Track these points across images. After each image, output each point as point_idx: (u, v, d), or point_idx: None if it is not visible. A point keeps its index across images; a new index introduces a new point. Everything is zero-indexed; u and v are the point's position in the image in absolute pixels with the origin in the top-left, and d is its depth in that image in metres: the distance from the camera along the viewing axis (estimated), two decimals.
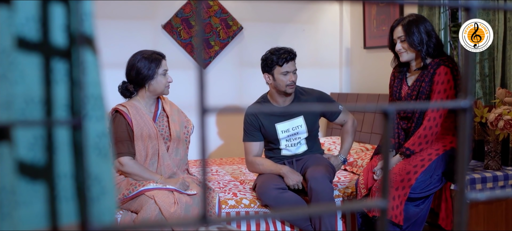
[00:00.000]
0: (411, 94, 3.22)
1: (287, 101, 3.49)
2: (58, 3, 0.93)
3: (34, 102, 0.92)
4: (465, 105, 0.74)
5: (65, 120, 0.93)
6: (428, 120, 3.09)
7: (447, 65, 3.08)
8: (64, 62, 0.93)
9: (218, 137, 5.31)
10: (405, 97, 3.28)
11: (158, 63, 3.11)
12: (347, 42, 5.63)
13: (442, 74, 3.06)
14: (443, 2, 3.92)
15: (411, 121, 3.24)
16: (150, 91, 3.13)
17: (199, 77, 0.65)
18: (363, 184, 3.26)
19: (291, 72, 3.38)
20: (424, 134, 3.09)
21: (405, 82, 3.32)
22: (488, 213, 3.25)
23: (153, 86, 3.11)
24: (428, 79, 3.12)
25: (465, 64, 0.74)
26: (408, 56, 3.22)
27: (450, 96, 3.05)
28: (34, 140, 0.93)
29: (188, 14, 5.04)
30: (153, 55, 3.12)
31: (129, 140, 3.05)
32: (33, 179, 0.93)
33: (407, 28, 3.15)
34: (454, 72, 3.07)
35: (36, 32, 0.92)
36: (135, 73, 3.09)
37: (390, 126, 0.73)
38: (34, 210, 0.94)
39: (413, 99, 3.21)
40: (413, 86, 3.21)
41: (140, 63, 3.08)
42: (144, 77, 3.08)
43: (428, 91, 3.12)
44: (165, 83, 3.13)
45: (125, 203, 3.02)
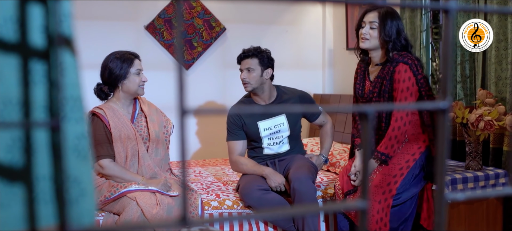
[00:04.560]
0: (373, 90, 3.13)
1: (268, 100, 3.51)
2: (37, 4, 0.92)
3: (12, 103, 0.91)
4: (444, 106, 0.74)
5: (44, 122, 0.92)
6: (395, 120, 3.02)
7: (406, 61, 2.98)
8: (43, 63, 0.92)
9: (200, 138, 5.30)
10: (368, 93, 3.19)
11: (131, 62, 3.10)
12: (330, 44, 5.65)
13: (402, 72, 2.97)
14: (425, 4, 3.95)
15: (380, 120, 3.16)
16: (124, 91, 3.12)
17: (179, 77, 0.65)
18: (340, 189, 3.26)
19: (244, 69, 3.47)
20: (394, 135, 3.02)
21: (367, 78, 3.24)
22: (469, 213, 3.28)
23: (126, 85, 3.10)
24: (389, 77, 3.04)
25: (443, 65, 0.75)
26: (370, 44, 3.10)
27: (414, 93, 2.98)
28: (12, 142, 0.92)
29: (171, 15, 5.02)
30: (125, 55, 3.12)
31: (108, 142, 3.04)
32: (11, 181, 0.92)
33: (383, 17, 3.05)
34: (413, 67, 2.98)
35: (14, 33, 0.91)
36: (108, 73, 3.09)
37: (369, 127, 0.73)
38: (12, 213, 0.93)
39: (375, 96, 3.12)
40: (375, 82, 3.12)
41: (112, 63, 3.08)
42: (116, 77, 3.08)
43: (390, 90, 3.05)
44: (139, 82, 3.11)
45: (107, 205, 3.00)
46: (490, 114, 3.14)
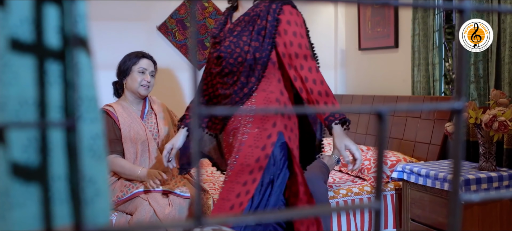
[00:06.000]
0: (234, 29, 2.54)
1: None
2: (52, 5, 0.93)
3: (28, 104, 0.92)
4: (459, 106, 0.74)
5: (59, 122, 0.92)
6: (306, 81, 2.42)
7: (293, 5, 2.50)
8: (58, 64, 0.93)
9: None
10: (226, 33, 2.56)
11: (136, 60, 3.11)
12: (342, 44, 5.64)
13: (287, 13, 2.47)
14: (438, 4, 3.93)
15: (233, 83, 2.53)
16: (128, 89, 3.14)
17: (194, 78, 0.65)
18: None
19: None
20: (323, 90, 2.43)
21: (229, 21, 2.66)
22: (483, 215, 3.26)
23: (128, 83, 3.12)
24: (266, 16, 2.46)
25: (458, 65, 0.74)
26: None
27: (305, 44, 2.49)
28: (28, 142, 0.92)
29: (183, 15, 5.03)
30: (134, 53, 3.15)
31: (116, 139, 3.05)
32: (27, 181, 0.93)
33: None
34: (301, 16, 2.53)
35: (30, 33, 0.92)
36: (116, 70, 3.14)
37: (384, 128, 0.73)
38: (28, 212, 0.93)
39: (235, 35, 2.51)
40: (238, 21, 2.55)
41: (121, 61, 3.13)
42: (120, 72, 3.14)
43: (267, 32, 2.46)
44: (140, 81, 3.11)
45: (119, 205, 3.01)
46: (504, 114, 3.12)
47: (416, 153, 4.09)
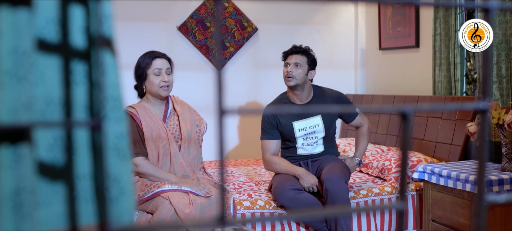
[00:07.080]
0: None
1: (305, 100, 3.51)
2: (78, 5, 0.94)
3: (54, 103, 0.93)
4: (484, 106, 0.73)
5: (85, 121, 0.94)
6: None
7: None
8: (84, 64, 0.94)
9: (233, 138, 5.31)
10: None
11: (149, 63, 3.09)
12: (362, 43, 5.61)
13: None
14: (460, 3, 3.90)
15: None
16: (148, 92, 3.13)
17: (217, 78, 0.66)
18: None
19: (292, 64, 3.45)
20: None
21: None
22: (506, 216, 3.22)
23: (147, 87, 3.11)
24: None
25: (484, 64, 0.74)
26: None
27: None
28: (54, 141, 0.94)
29: (203, 15, 5.05)
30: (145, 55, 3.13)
31: (141, 141, 3.06)
32: (53, 180, 0.94)
33: None
34: None
35: (56, 34, 0.93)
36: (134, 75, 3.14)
37: (408, 128, 0.73)
38: (54, 211, 0.95)
39: None
40: None
41: (135, 66, 3.12)
42: (138, 78, 3.12)
43: None
44: (158, 83, 3.08)
45: (141, 204, 3.03)
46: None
47: (437, 153, 4.06)
